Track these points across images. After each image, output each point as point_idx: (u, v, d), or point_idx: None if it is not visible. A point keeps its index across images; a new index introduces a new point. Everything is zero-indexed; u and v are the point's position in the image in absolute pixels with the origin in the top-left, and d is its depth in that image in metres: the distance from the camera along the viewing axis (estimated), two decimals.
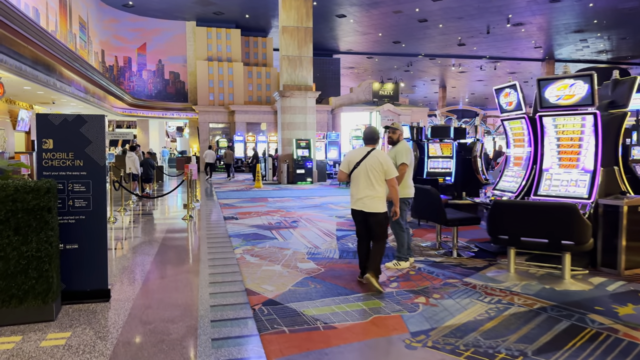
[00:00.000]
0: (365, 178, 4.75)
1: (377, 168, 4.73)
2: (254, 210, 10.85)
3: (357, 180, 4.83)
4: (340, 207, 11.15)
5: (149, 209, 11.38)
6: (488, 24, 27.30)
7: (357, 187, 4.84)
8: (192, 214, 10.24)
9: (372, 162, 4.76)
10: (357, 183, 4.83)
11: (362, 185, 4.77)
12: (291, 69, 18.23)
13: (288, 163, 18.14)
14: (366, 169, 4.76)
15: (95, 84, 20.29)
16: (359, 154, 4.89)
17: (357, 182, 4.83)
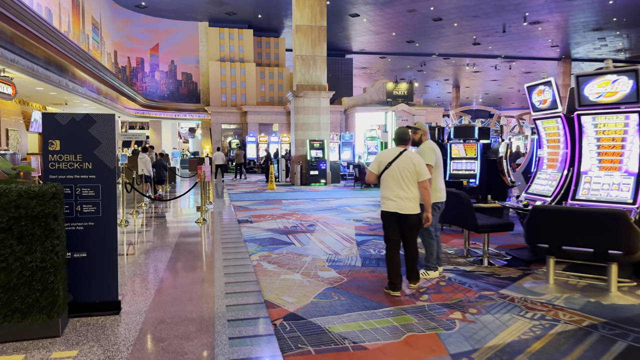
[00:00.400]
0: (398, 179, 4.60)
1: (409, 169, 4.58)
2: (268, 212, 10.52)
3: (389, 182, 4.65)
4: (357, 210, 10.78)
5: (161, 212, 11.11)
6: (504, 22, 26.74)
7: (388, 188, 4.66)
8: (206, 216, 9.94)
9: (405, 162, 4.61)
10: (389, 184, 4.65)
11: (394, 186, 4.61)
12: (305, 69, 17.90)
13: (301, 164, 17.81)
14: (398, 169, 4.60)
15: (108, 84, 20.15)
16: (391, 154, 4.72)
17: (389, 183, 4.65)
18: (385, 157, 4.73)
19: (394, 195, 4.61)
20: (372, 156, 17.19)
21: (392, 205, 4.62)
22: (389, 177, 4.65)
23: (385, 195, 4.69)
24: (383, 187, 4.72)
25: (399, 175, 4.59)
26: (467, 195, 5.55)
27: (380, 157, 4.80)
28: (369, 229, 8.33)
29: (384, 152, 4.85)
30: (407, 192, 4.59)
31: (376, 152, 17.03)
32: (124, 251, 6.78)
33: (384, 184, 4.70)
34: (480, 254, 6.32)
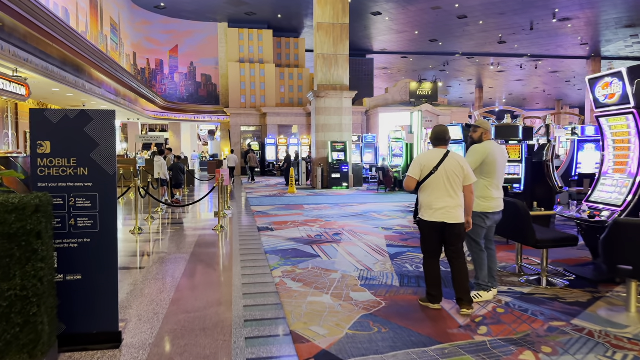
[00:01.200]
0: (445, 185, 4.11)
1: (457, 172, 4.12)
2: (290, 219, 9.82)
3: (434, 188, 4.14)
4: (384, 217, 10.01)
5: (178, 218, 10.50)
6: (532, 19, 25.64)
7: (434, 196, 4.14)
8: (224, 223, 9.30)
9: (452, 165, 4.12)
10: (434, 191, 4.14)
11: (441, 193, 4.11)
12: (326, 68, 17.20)
13: (323, 167, 17.10)
14: (446, 174, 4.11)
15: (126, 86, 19.75)
16: (434, 158, 4.17)
17: (434, 189, 4.13)
18: (428, 161, 4.16)
19: (441, 204, 4.09)
20: (397, 159, 16.38)
21: (440, 216, 4.09)
22: (435, 184, 4.12)
23: (430, 204, 4.13)
24: (427, 195, 4.17)
25: (447, 182, 4.09)
26: (524, 205, 4.75)
27: (423, 160, 4.20)
28: (401, 239, 7.56)
29: (425, 156, 4.25)
30: (455, 199, 4.11)
31: (401, 154, 16.22)
32: (136, 263, 6.14)
33: (428, 191, 4.15)
34: (534, 270, 5.51)
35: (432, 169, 4.11)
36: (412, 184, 4.23)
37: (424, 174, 4.15)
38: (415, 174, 4.19)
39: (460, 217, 4.12)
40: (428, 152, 4.31)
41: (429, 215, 4.14)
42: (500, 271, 5.51)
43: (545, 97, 49.82)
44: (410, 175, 4.23)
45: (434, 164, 4.11)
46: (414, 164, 4.25)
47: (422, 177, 4.16)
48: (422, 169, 4.16)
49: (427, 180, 4.13)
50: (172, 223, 9.68)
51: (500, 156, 4.63)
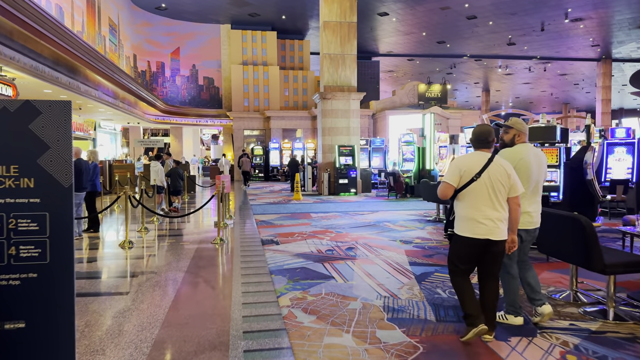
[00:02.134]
0: (489, 194, 3.48)
1: (503, 181, 3.50)
2: (297, 230, 8.90)
3: (476, 197, 3.50)
4: (400, 228, 9.07)
5: (174, 228, 9.60)
6: (543, 20, 24.74)
7: (475, 207, 3.50)
8: (224, 234, 8.40)
9: (498, 172, 3.49)
10: (476, 201, 3.50)
11: (483, 205, 3.48)
12: (333, 69, 16.32)
13: (329, 172, 16.19)
14: (490, 182, 3.48)
15: (125, 88, 18.92)
16: (477, 162, 3.53)
17: (476, 199, 3.50)
18: (470, 166, 3.51)
19: (483, 217, 3.46)
20: (408, 163, 15.45)
21: (483, 230, 3.45)
22: (477, 193, 3.49)
23: (471, 216, 3.50)
24: (466, 206, 3.54)
25: (491, 190, 3.47)
26: (589, 223, 3.82)
27: (463, 165, 3.54)
28: (424, 255, 6.62)
29: (466, 160, 3.60)
30: (499, 211, 3.48)
31: (412, 159, 15.30)
32: (119, 287, 5.23)
33: (469, 201, 3.52)
34: (593, 297, 4.57)
35: (474, 176, 3.46)
36: (449, 191, 3.56)
37: (463, 181, 3.50)
38: (453, 179, 3.52)
39: (504, 233, 3.50)
40: (469, 156, 3.64)
41: (468, 229, 3.48)
42: (553, 299, 4.56)
43: (552, 101, 48.88)
44: (448, 181, 3.54)
45: (477, 169, 3.46)
46: (453, 169, 3.57)
47: (462, 184, 3.51)
48: (461, 175, 3.50)
49: (468, 188, 3.49)
50: (167, 235, 8.78)
51: (536, 162, 3.92)
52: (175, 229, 9.49)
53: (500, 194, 3.46)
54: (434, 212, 11.14)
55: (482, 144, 3.59)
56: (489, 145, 3.60)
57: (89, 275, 5.79)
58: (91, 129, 24.56)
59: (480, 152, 3.59)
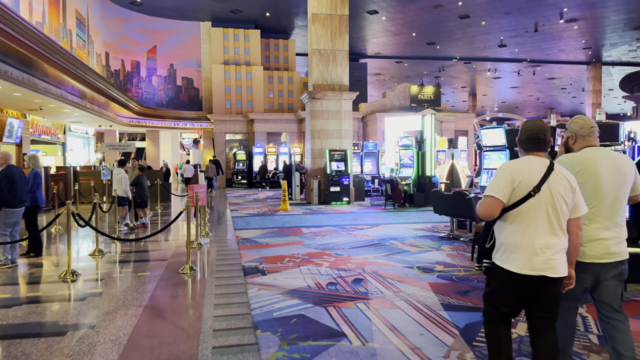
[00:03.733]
0: (548, 215, 2.45)
1: (567, 197, 2.46)
2: (287, 251, 7.21)
3: (532, 219, 2.45)
4: (411, 248, 7.45)
5: (137, 251, 7.81)
6: (538, 20, 23.58)
7: (529, 232, 2.45)
8: (197, 260, 6.67)
9: (561, 185, 2.47)
10: (531, 224, 2.45)
11: (540, 228, 2.44)
12: (323, 66, 14.70)
13: (319, 179, 14.53)
14: (551, 198, 2.45)
15: (93, 87, 17.00)
16: (535, 170, 2.49)
17: (532, 221, 2.45)
18: (526, 175, 2.48)
19: (540, 245, 2.43)
20: (407, 169, 13.89)
21: (538, 263, 2.42)
22: (533, 212, 2.46)
23: (522, 244, 2.46)
24: (516, 230, 2.49)
25: (551, 210, 2.45)
26: None
27: (517, 173, 2.50)
28: (456, 291, 4.99)
29: (520, 166, 2.53)
30: (560, 238, 2.48)
31: (411, 164, 13.74)
32: (29, 357, 3.47)
33: (520, 223, 2.48)
34: None
35: (532, 190, 2.45)
36: (496, 209, 2.50)
37: (516, 196, 2.48)
38: (503, 193, 2.48)
39: (564, 267, 2.50)
40: (523, 162, 2.57)
41: (518, 261, 2.46)
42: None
43: (538, 106, 48.24)
44: (495, 195, 2.49)
45: (534, 180, 2.47)
46: (502, 178, 2.51)
47: (513, 200, 2.48)
48: (515, 187, 2.47)
49: (522, 206, 2.47)
50: (125, 260, 7.00)
51: (610, 170, 2.74)
52: (138, 251, 7.70)
53: (562, 215, 2.47)
54: (442, 225, 9.56)
55: (537, 145, 2.57)
56: (545, 147, 2.59)
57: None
58: (60, 132, 22.47)
59: (534, 156, 2.56)
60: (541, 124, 2.62)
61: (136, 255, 7.30)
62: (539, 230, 2.44)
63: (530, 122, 2.67)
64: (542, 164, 2.51)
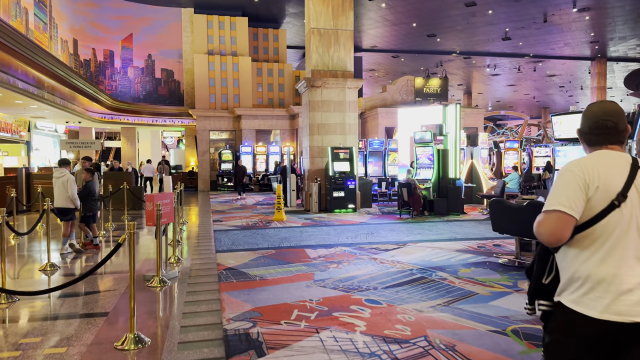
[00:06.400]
0: (638, 233, 1.61)
1: None
2: (292, 294, 4.69)
3: (615, 240, 1.61)
4: (473, 286, 4.98)
5: (74, 293, 5.19)
6: (548, 10, 21.42)
7: (614, 259, 1.62)
8: (146, 325, 4.11)
9: None
10: (615, 247, 1.61)
11: (630, 252, 1.61)
12: (323, 48, 12.19)
13: (320, 182, 12.01)
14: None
15: (54, 76, 14.25)
16: (616, 169, 1.65)
17: (614, 244, 1.61)
18: (603, 177, 1.63)
19: (631, 278, 1.59)
20: (425, 171, 11.44)
21: (627, 305, 1.58)
22: (618, 231, 1.61)
23: (601, 278, 1.62)
24: (592, 257, 1.64)
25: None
26: None
27: (588, 174, 1.64)
28: None
29: (590, 164, 1.67)
30: None
31: (430, 165, 11.29)
32: None
33: (599, 247, 1.63)
34: None
35: (616, 197, 1.60)
36: (567, 229, 1.63)
37: (593, 208, 1.62)
38: (575, 206, 1.62)
39: None
40: (596, 158, 1.69)
41: (596, 303, 1.61)
42: None
43: (532, 105, 46.46)
44: (563, 208, 1.62)
45: (617, 184, 1.62)
46: (571, 182, 1.65)
47: (589, 215, 1.62)
48: (589, 195, 1.62)
49: (601, 222, 1.61)
50: (50, 312, 4.40)
51: None
52: (76, 293, 5.08)
53: None
54: (490, 244, 7.13)
55: (606, 134, 1.73)
56: (619, 138, 1.74)
57: None
58: (24, 130, 19.60)
59: (609, 151, 1.72)
60: (610, 107, 1.78)
61: (73, 300, 4.69)
62: (627, 256, 1.61)
63: (595, 105, 1.80)
64: (622, 160, 1.67)
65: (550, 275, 1.83)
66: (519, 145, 16.71)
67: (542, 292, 1.85)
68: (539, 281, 1.87)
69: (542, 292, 1.85)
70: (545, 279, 1.84)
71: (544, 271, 1.86)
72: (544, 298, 1.83)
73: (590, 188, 1.62)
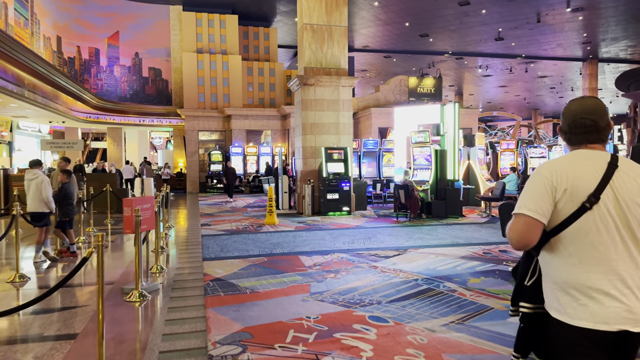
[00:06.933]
0: (620, 235, 1.54)
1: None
2: (287, 310, 4.17)
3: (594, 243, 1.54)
4: (487, 299, 4.52)
5: (35, 312, 4.63)
6: (542, 9, 21.16)
7: (593, 263, 1.54)
8: (122, 349, 3.56)
9: (634, 189, 1.56)
10: (594, 251, 1.54)
11: (612, 256, 1.53)
12: (316, 45, 11.69)
13: (313, 183, 11.51)
14: (620, 209, 1.55)
15: (35, 73, 13.60)
16: (589, 170, 1.58)
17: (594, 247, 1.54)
18: (572, 179, 1.56)
19: (615, 283, 1.52)
20: (423, 172, 10.99)
21: (614, 312, 1.50)
22: (595, 233, 1.54)
23: (585, 282, 1.54)
24: (572, 261, 1.56)
25: (623, 227, 1.54)
26: None
27: (555, 176, 1.58)
28: None
29: (563, 166, 1.61)
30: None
31: (428, 166, 10.85)
32: None
33: (578, 251, 1.56)
34: None
35: (587, 199, 1.54)
36: (534, 233, 1.59)
37: (563, 211, 1.57)
38: (540, 209, 1.58)
39: None
40: (568, 159, 1.64)
41: (581, 310, 1.53)
42: None
43: (522, 106, 46.43)
44: (528, 212, 1.59)
45: (590, 185, 1.56)
46: (537, 185, 1.62)
47: (560, 219, 1.58)
48: (557, 198, 1.58)
49: (575, 225, 1.56)
50: (10, 333, 3.83)
51: None
52: (43, 310, 4.52)
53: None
54: (496, 250, 6.68)
55: (585, 133, 1.66)
56: (600, 137, 1.66)
57: None
58: (5, 130, 18.85)
59: (586, 150, 1.65)
60: (590, 103, 1.67)
61: (25, 326, 4.12)
62: (609, 259, 1.52)
63: (575, 103, 1.71)
64: (599, 159, 1.59)
65: (533, 278, 1.76)
66: (515, 146, 16.33)
67: (524, 294, 1.78)
68: (522, 283, 1.80)
69: (524, 294, 1.78)
70: (527, 281, 1.78)
71: (527, 273, 1.79)
72: (525, 300, 1.77)
73: (558, 191, 1.56)
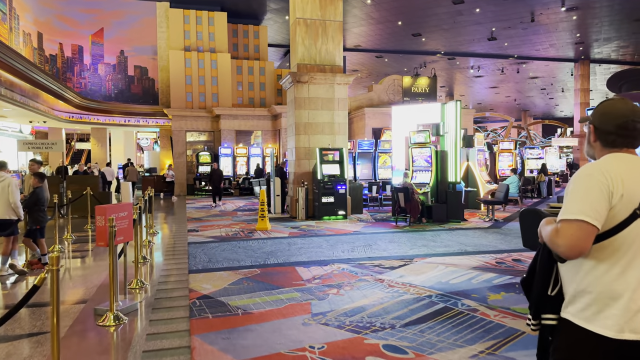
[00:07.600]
0: None
1: None
2: (286, 337, 3.55)
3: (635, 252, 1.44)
4: (512, 320, 3.94)
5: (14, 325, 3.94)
6: (536, 9, 20.83)
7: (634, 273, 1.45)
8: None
9: None
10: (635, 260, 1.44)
11: None
12: (310, 40, 11.09)
13: (307, 186, 10.89)
14: None
15: (12, 70, 12.79)
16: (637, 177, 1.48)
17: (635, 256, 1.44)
18: (628, 184, 1.45)
19: None
20: (423, 174, 10.43)
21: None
22: (636, 243, 1.44)
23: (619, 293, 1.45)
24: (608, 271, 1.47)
25: None
26: None
27: (612, 180, 1.45)
28: None
29: (613, 169, 1.48)
30: None
31: (428, 167, 10.29)
32: None
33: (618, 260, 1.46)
34: None
35: (639, 207, 1.44)
36: (589, 239, 1.44)
37: (615, 217, 1.46)
38: (598, 215, 1.43)
39: None
40: (616, 161, 1.53)
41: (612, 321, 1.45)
42: None
43: (513, 107, 46.32)
44: (586, 218, 1.43)
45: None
46: (594, 188, 1.47)
47: (611, 224, 1.46)
48: (613, 203, 1.45)
49: (622, 234, 1.45)
50: None
51: None
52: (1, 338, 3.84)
53: None
54: (509, 259, 6.13)
55: (632, 137, 1.57)
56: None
57: None
58: None
59: (629, 155, 1.57)
60: (636, 106, 1.58)
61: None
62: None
63: (619, 102, 1.60)
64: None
65: (557, 287, 1.65)
66: (513, 147, 15.90)
67: (548, 305, 1.66)
68: (544, 293, 1.67)
69: (549, 305, 1.65)
70: (551, 291, 1.66)
71: (548, 282, 1.67)
72: (549, 312, 1.65)
73: (615, 196, 1.46)
